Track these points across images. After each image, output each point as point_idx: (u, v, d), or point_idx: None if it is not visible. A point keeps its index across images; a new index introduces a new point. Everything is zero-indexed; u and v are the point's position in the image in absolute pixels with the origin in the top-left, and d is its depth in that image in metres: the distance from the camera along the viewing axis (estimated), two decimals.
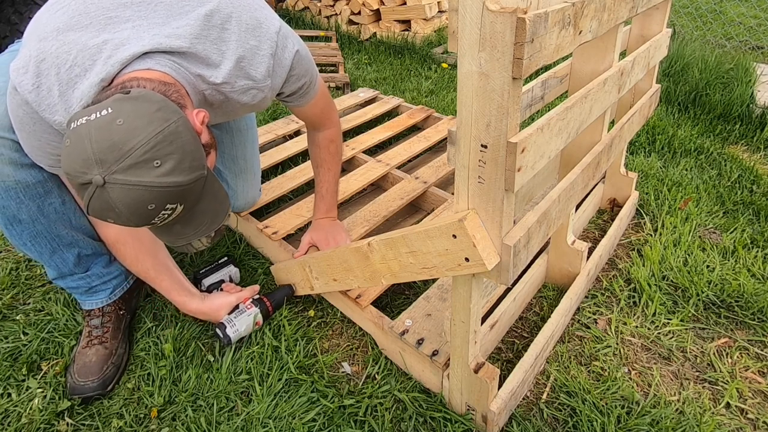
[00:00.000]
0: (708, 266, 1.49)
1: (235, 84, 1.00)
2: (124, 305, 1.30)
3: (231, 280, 1.44)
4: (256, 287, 1.34)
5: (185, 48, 0.92)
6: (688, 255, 1.53)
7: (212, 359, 1.23)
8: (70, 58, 0.87)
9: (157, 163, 0.76)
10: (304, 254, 1.38)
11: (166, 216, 0.81)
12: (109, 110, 0.76)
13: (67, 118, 0.87)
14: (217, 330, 1.23)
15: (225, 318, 1.24)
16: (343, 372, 1.22)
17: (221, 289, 1.35)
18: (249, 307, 1.27)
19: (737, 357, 1.24)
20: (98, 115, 0.75)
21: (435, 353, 1.11)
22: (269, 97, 1.09)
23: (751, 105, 2.43)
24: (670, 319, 1.33)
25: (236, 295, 1.29)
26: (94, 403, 1.14)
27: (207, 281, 1.39)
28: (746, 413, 1.11)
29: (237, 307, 1.28)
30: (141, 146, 0.74)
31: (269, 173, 1.92)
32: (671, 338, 1.28)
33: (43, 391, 1.16)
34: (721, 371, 1.19)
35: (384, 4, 3.77)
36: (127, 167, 0.74)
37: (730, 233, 1.63)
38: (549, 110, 1.32)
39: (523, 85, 0.89)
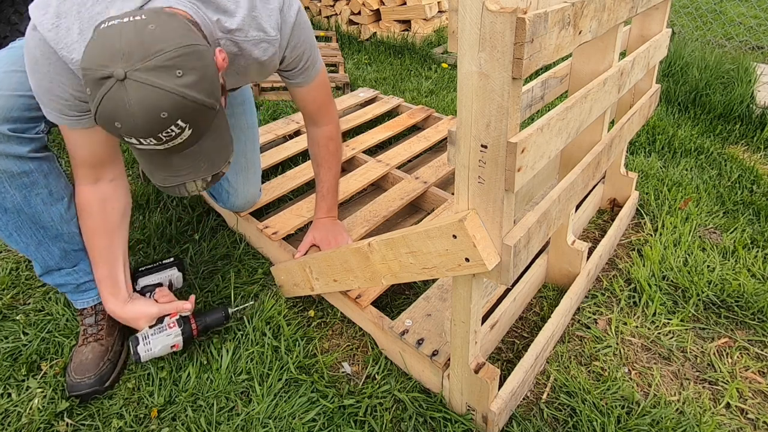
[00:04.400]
0: (708, 266, 1.49)
1: (248, 33, 1.04)
2: None
3: (171, 285, 1.32)
4: (189, 305, 1.20)
5: None
6: (688, 255, 1.53)
7: (210, 359, 1.23)
8: None
9: (179, 73, 0.76)
10: (304, 254, 1.38)
11: (172, 134, 0.80)
12: (143, 17, 0.77)
13: None
14: (130, 343, 1.15)
15: (141, 332, 1.16)
16: (343, 372, 1.22)
17: (153, 294, 1.23)
18: (172, 325, 1.16)
19: (737, 357, 1.24)
20: (132, 19, 0.76)
21: (435, 353, 1.11)
22: (278, 55, 1.11)
23: (751, 105, 2.43)
24: (670, 319, 1.33)
25: (159, 306, 1.18)
26: (94, 403, 1.14)
27: (143, 281, 1.28)
28: (746, 413, 1.11)
29: (161, 320, 1.18)
30: (168, 51, 0.75)
31: (269, 173, 1.92)
32: (671, 338, 1.28)
33: (42, 391, 1.16)
34: (721, 371, 1.19)
35: (384, 4, 3.77)
36: (151, 68, 0.74)
37: (730, 233, 1.63)
38: (549, 110, 1.32)
39: (523, 85, 0.89)
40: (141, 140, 0.79)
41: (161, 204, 1.80)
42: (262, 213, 1.73)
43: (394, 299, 1.41)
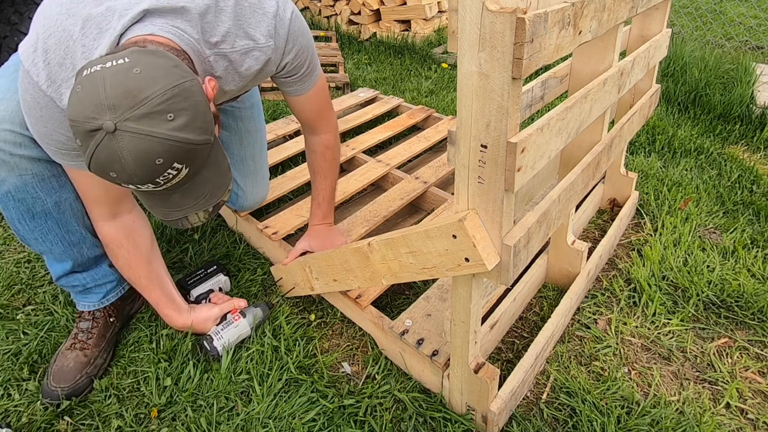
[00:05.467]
0: (708, 266, 1.49)
1: (234, 44, 0.99)
2: (115, 312, 1.28)
3: (221, 290, 1.42)
4: (243, 301, 1.32)
5: (183, 3, 0.89)
6: (688, 255, 1.53)
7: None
8: (77, 29, 0.86)
9: (170, 116, 0.73)
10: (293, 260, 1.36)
11: (170, 177, 0.78)
12: (126, 60, 0.74)
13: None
14: (204, 342, 1.21)
15: (212, 330, 1.23)
16: (343, 372, 1.22)
17: (209, 300, 1.34)
18: (237, 318, 1.26)
19: (737, 357, 1.24)
20: (114, 63, 0.73)
21: (435, 353, 1.11)
22: (274, 60, 1.07)
23: (751, 105, 2.43)
24: (670, 319, 1.33)
25: (220, 307, 1.28)
26: (95, 403, 1.14)
27: (195, 292, 1.36)
28: (746, 413, 1.11)
29: (224, 317, 1.27)
30: (157, 96, 0.72)
31: (269, 173, 1.91)
32: (671, 338, 1.28)
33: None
34: (721, 371, 1.19)
35: (384, 4, 3.77)
36: (141, 116, 0.71)
37: (730, 233, 1.63)
38: (549, 110, 1.32)
39: (523, 85, 0.89)
40: (138, 186, 0.78)
41: None
42: (262, 213, 1.73)
43: (394, 299, 1.41)
